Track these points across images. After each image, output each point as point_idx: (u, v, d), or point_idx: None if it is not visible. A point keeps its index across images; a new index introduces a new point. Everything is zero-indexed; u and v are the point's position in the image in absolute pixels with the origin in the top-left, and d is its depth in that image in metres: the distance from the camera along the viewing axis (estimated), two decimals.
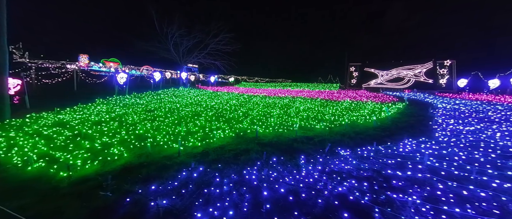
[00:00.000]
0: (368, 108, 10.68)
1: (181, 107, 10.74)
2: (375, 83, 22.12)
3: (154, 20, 20.82)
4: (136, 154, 4.90)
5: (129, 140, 5.67)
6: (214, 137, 5.96)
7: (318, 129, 7.17)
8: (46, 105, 10.08)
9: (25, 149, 4.99)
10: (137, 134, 6.14)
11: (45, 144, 5.33)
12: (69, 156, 4.61)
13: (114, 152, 4.92)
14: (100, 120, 7.51)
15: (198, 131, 6.47)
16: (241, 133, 6.37)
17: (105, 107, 9.88)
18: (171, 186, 3.52)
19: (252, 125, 7.28)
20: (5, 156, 4.58)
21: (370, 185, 3.66)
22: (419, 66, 19.95)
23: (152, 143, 5.41)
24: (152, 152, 5.06)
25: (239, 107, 11.14)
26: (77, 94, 13.03)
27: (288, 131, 6.78)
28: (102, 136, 5.92)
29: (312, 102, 13.36)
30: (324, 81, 47.71)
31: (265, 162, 4.51)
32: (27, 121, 7.46)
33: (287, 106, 11.68)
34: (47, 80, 13.55)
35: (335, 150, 5.22)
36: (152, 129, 6.61)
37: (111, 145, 5.34)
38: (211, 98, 15.21)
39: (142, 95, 14.53)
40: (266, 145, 5.67)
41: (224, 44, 23.36)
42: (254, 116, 8.72)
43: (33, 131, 6.32)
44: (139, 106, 10.49)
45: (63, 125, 6.93)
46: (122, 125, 7.04)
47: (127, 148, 5.15)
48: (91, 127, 6.72)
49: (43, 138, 5.73)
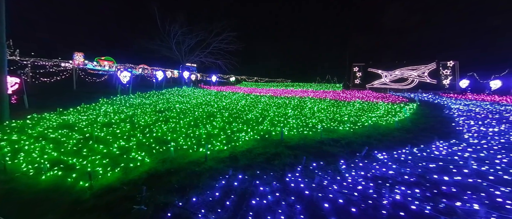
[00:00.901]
0: (383, 109, 10.50)
1: (192, 107, 10.27)
2: (379, 83, 22.15)
3: (156, 18, 20.24)
4: (159, 159, 4.48)
5: (147, 143, 5.23)
6: (239, 139, 5.58)
7: (341, 131, 6.88)
8: (46, 105, 9.43)
9: (33, 154, 4.49)
10: (154, 136, 5.69)
11: (54, 149, 4.82)
12: (85, 162, 4.15)
13: (135, 157, 4.48)
14: (109, 121, 6.99)
15: (219, 133, 6.06)
16: (266, 136, 6.01)
17: (111, 108, 9.31)
18: (211, 196, 3.13)
19: (272, 126, 6.93)
20: (11, 163, 4.07)
21: (422, 192, 3.39)
22: (423, 67, 20.09)
23: (173, 147, 4.99)
24: (175, 156, 4.65)
25: (252, 107, 10.77)
26: (78, 93, 12.35)
27: (312, 133, 6.47)
28: (116, 139, 5.44)
29: (322, 102, 13.11)
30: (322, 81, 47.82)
31: (304, 167, 4.18)
32: (28, 122, 6.88)
33: (299, 106, 11.38)
34: (46, 78, 12.80)
35: (371, 154, 4.94)
36: (168, 131, 6.17)
37: (129, 149, 4.89)
38: (219, 98, 14.75)
39: (146, 95, 13.92)
40: (294, 148, 5.34)
41: (227, 43, 22.94)
42: (272, 117, 8.36)
43: (38, 133, 5.78)
44: (147, 107, 9.96)
45: (70, 127, 6.39)
46: (135, 126, 6.56)
47: (147, 152, 4.71)
48: (101, 129, 6.21)
49: (50, 142, 5.22)
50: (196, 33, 21.92)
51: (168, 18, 20.48)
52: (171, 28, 21.00)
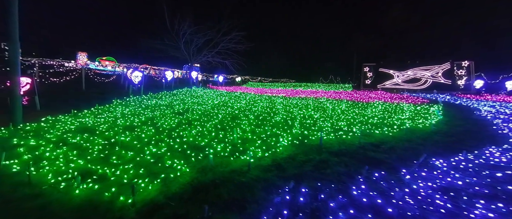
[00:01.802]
0: (408, 111, 10.07)
1: (211, 109, 9.79)
2: (391, 84, 21.69)
3: (165, 17, 19.74)
4: (198, 168, 4.03)
5: (180, 149, 4.77)
6: (278, 145, 5.13)
7: (378, 135, 6.44)
8: (58, 107, 8.97)
9: (56, 162, 4.03)
10: (185, 141, 5.23)
11: (79, 156, 4.37)
12: (118, 172, 3.70)
13: (171, 165, 4.03)
14: (132, 124, 6.53)
15: (253, 138, 5.60)
16: (305, 140, 5.56)
17: (127, 109, 8.85)
18: (280, 215, 2.69)
19: (305, 130, 6.48)
20: (36, 173, 3.62)
21: (505, 206, 2.97)
22: (437, 67, 19.63)
23: (206, 153, 4.54)
24: (214, 164, 4.20)
25: (273, 109, 10.30)
26: (88, 94, 11.89)
27: (351, 137, 6.02)
28: (143, 144, 4.99)
29: (341, 103, 12.67)
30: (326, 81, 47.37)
31: (366, 177, 3.73)
32: (43, 125, 6.42)
33: (320, 108, 10.92)
34: (55, 79, 12.32)
35: (429, 161, 4.49)
36: (197, 135, 5.71)
37: (162, 156, 4.43)
38: (233, 99, 14.24)
39: (159, 96, 13.42)
40: (338, 154, 4.90)
41: (236, 42, 22.48)
42: (300, 120, 7.87)
43: (57, 138, 5.32)
44: (164, 108, 9.49)
45: (90, 131, 5.94)
46: (159, 130, 6.10)
47: (182, 159, 4.26)
48: (124, 133, 5.76)
49: (72, 147, 4.76)
50: (204, 32, 21.49)
51: (178, 17, 20.13)
52: (180, 27, 20.57)
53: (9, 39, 6.26)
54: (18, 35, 6.46)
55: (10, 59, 6.29)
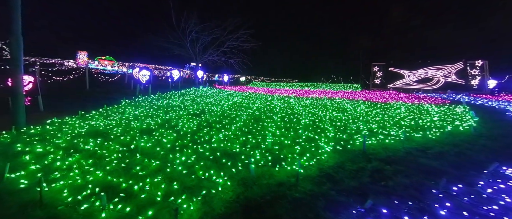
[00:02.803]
0: (435, 112, 9.52)
1: (228, 110, 9.16)
2: (401, 83, 21.19)
3: (172, 14, 19.05)
4: (238, 180, 3.43)
5: (211, 157, 4.16)
6: (320, 151, 4.54)
7: (418, 138, 5.87)
8: (63, 108, 8.31)
9: (71, 174, 3.41)
10: (213, 147, 4.61)
11: (95, 165, 3.75)
12: (148, 187, 3.08)
13: (208, 177, 3.42)
14: (148, 127, 5.90)
15: (287, 143, 5.00)
16: (348, 146, 4.97)
17: (139, 111, 8.19)
18: None
19: (340, 133, 5.89)
20: (48, 189, 2.99)
21: None
22: (449, 66, 19.18)
23: (244, 162, 3.93)
24: (256, 176, 3.60)
25: (293, 109, 9.68)
26: (92, 94, 11.22)
27: (395, 142, 5.45)
28: (168, 151, 4.37)
29: (359, 104, 12.10)
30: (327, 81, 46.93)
31: (444, 190, 3.15)
32: (49, 128, 5.78)
33: (340, 109, 10.33)
34: (58, 77, 11.62)
35: (499, 170, 3.93)
36: (225, 140, 5.10)
37: (192, 165, 3.82)
38: (246, 99, 13.55)
39: (168, 96, 12.74)
40: (389, 162, 4.32)
41: (243, 41, 21.84)
42: (330, 122, 7.24)
43: (67, 143, 4.69)
44: (177, 109, 8.84)
45: (103, 135, 5.30)
46: (180, 134, 5.48)
47: (217, 169, 3.65)
48: (142, 137, 5.13)
49: (86, 155, 4.14)
50: (210, 30, 20.82)
51: (184, 14, 19.45)
52: (186, 25, 19.89)
53: (11, 33, 5.61)
54: (20, 30, 5.83)
55: (12, 55, 5.65)
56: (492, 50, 25.34)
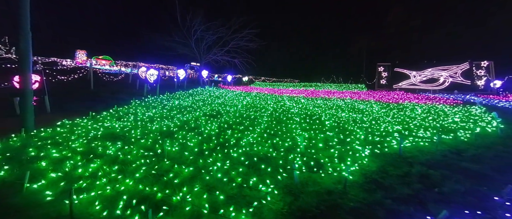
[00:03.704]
0: (452, 113, 9.35)
1: (244, 111, 8.78)
2: (407, 84, 21.13)
3: (177, 13, 18.56)
4: (283, 188, 3.13)
5: (247, 162, 3.85)
6: (361, 156, 4.26)
7: (449, 140, 5.64)
8: (70, 108, 7.89)
9: (97, 182, 3.06)
10: (244, 152, 4.30)
11: (121, 172, 3.41)
12: (189, 198, 2.76)
13: (247, 184, 3.11)
14: (168, 130, 5.54)
15: (319, 146, 4.71)
16: (384, 149, 4.71)
17: (153, 111, 7.80)
18: None
19: (371, 136, 5.61)
20: (78, 202, 2.63)
21: None
22: (455, 67, 19.17)
23: (277, 166, 3.63)
24: (299, 182, 3.31)
25: (311, 110, 9.37)
26: (98, 94, 10.77)
27: (428, 144, 5.21)
28: (197, 156, 4.05)
29: (371, 105, 11.89)
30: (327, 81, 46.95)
31: (509, 198, 2.90)
32: (60, 130, 5.39)
33: (356, 110, 10.08)
34: (63, 77, 11.13)
35: None
36: (255, 143, 4.78)
37: (227, 171, 3.50)
38: (257, 99, 13.11)
39: (176, 96, 12.35)
40: (431, 166, 4.10)
41: (248, 40, 21.48)
42: (354, 124, 6.95)
43: (84, 147, 4.33)
44: (191, 110, 8.47)
45: (120, 138, 4.95)
46: (203, 136, 5.15)
47: (257, 177, 3.35)
48: (164, 140, 4.79)
49: (108, 161, 3.79)
50: (215, 29, 20.41)
51: (190, 13, 19.00)
52: (192, 24, 19.43)
53: (19, 30, 5.22)
54: (29, 26, 5.44)
55: (21, 52, 5.26)
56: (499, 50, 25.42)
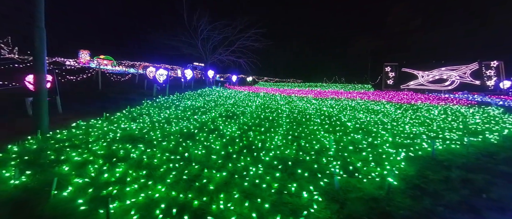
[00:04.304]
0: (469, 113, 9.13)
1: (261, 111, 8.60)
2: (415, 84, 20.90)
3: (184, 12, 18.36)
4: (324, 195, 2.93)
5: (280, 166, 3.65)
6: (396, 160, 4.05)
7: (477, 143, 5.44)
8: (82, 109, 7.71)
9: (127, 189, 2.87)
10: (276, 155, 4.09)
11: (149, 177, 3.21)
12: (231, 206, 2.56)
13: (292, 191, 2.91)
14: (189, 132, 5.34)
15: (349, 149, 4.50)
16: (416, 152, 4.50)
17: (167, 112, 7.59)
18: None
19: (399, 138, 5.39)
20: (113, 211, 2.43)
21: None
22: (464, 67, 18.96)
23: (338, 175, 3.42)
24: (340, 187, 3.11)
25: (326, 111, 9.13)
26: (106, 94, 10.59)
27: (460, 147, 5.00)
28: (225, 160, 3.85)
29: (384, 105, 11.68)
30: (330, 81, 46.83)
31: None
32: (76, 132, 5.20)
33: (372, 110, 9.85)
34: (72, 77, 10.97)
35: None
36: (282, 146, 4.58)
37: (261, 176, 3.30)
38: (268, 100, 12.84)
39: (186, 96, 12.13)
40: (470, 169, 3.91)
41: (254, 40, 21.27)
42: (376, 125, 6.73)
43: (105, 151, 4.13)
44: (204, 111, 8.25)
45: (139, 140, 4.75)
46: (227, 139, 4.95)
47: (296, 182, 3.15)
48: (186, 143, 4.59)
49: (134, 165, 3.59)
50: (221, 29, 20.23)
51: (197, 12, 18.79)
52: (199, 23, 19.23)
53: (34, 27, 5.05)
54: (44, 22, 5.26)
55: (36, 50, 5.08)
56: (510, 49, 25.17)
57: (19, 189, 2.93)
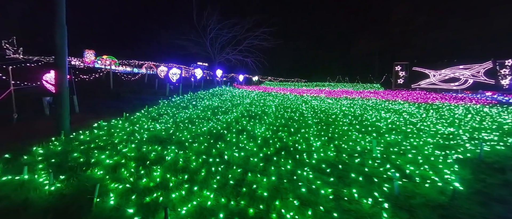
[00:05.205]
0: (494, 113, 8.81)
1: (282, 112, 8.31)
2: (426, 83, 20.52)
3: (193, 10, 18.14)
4: (386, 201, 2.68)
5: (328, 170, 3.40)
6: (446, 163, 3.79)
7: None
8: (98, 109, 7.52)
9: (173, 195, 2.64)
10: (320, 158, 3.84)
11: (192, 181, 2.98)
12: (294, 216, 2.32)
13: (344, 194, 2.66)
14: (218, 132, 5.10)
15: (393, 151, 4.24)
16: (468, 154, 4.23)
17: (187, 113, 7.35)
18: None
19: (439, 139, 5.10)
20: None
21: None
22: (477, 66, 18.56)
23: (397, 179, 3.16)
24: (400, 192, 2.86)
25: (345, 111, 8.85)
26: (119, 94, 10.39)
27: (506, 148, 4.71)
28: (265, 163, 3.61)
29: (403, 105, 11.36)
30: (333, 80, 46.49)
31: None
32: (99, 133, 4.99)
33: (392, 110, 9.56)
34: (85, 76, 10.81)
35: None
36: (327, 149, 4.32)
37: (311, 181, 3.06)
38: (281, 100, 12.60)
39: (200, 96, 11.93)
40: None
41: (262, 39, 21.00)
42: (406, 125, 6.45)
43: (135, 153, 3.90)
44: (223, 111, 8.00)
45: (167, 141, 4.52)
46: (260, 141, 4.70)
47: (356, 188, 2.90)
48: (219, 144, 4.35)
49: (170, 169, 3.37)
50: (230, 28, 19.98)
51: (207, 10, 18.53)
52: (208, 22, 18.98)
53: (55, 24, 4.84)
54: (65, 19, 5.06)
55: (57, 47, 4.87)
56: None
57: (55, 195, 2.71)
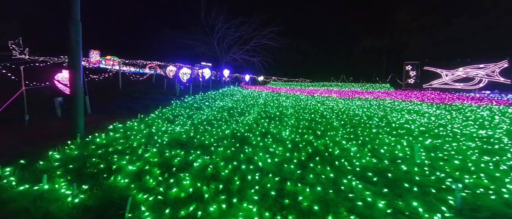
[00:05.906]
0: None
1: (301, 114, 7.93)
2: (439, 83, 19.97)
3: (201, 9, 17.93)
4: (438, 210, 2.35)
5: (375, 179, 3.07)
6: (493, 169, 3.44)
7: None
8: (110, 110, 7.27)
9: (212, 210, 2.35)
10: (363, 165, 3.51)
11: (228, 193, 2.67)
12: None
13: (404, 209, 2.33)
14: (242, 136, 4.78)
15: (437, 156, 3.88)
16: None
17: (204, 113, 7.08)
18: None
19: (478, 143, 4.73)
20: None
21: None
22: (492, 65, 18.00)
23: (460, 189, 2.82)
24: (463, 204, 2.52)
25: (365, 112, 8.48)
26: (129, 94, 10.17)
27: None
28: (303, 170, 3.29)
29: (421, 105, 10.95)
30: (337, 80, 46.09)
31: None
32: (116, 136, 4.71)
33: (414, 111, 9.14)
34: (95, 76, 10.62)
35: None
36: (367, 154, 3.99)
37: (361, 190, 2.73)
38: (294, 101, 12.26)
39: (211, 96, 11.67)
40: None
41: (270, 38, 20.71)
42: (439, 129, 6.05)
43: (159, 159, 3.61)
44: (239, 112, 7.71)
45: (189, 146, 4.23)
46: (289, 145, 4.39)
47: (419, 201, 2.56)
48: (246, 150, 4.05)
49: (200, 177, 3.06)
50: (237, 27, 19.75)
51: (215, 9, 18.33)
52: (216, 21, 18.73)
53: (69, 20, 4.59)
54: (79, 15, 4.80)
55: (72, 45, 4.61)
56: None
57: (80, 209, 2.42)
